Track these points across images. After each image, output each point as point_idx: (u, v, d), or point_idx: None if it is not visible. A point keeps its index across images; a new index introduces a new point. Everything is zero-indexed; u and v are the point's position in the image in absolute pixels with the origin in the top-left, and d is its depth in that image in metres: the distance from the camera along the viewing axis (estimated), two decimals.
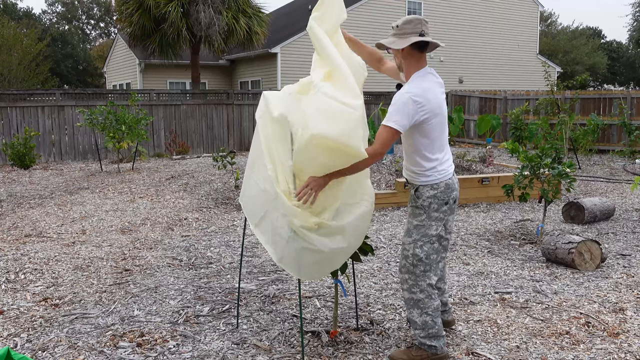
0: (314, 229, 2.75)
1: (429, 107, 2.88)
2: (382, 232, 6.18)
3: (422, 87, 2.90)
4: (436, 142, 2.99)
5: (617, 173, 10.67)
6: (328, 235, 2.80)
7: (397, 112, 2.83)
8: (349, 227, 2.88)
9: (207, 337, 3.44)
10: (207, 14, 14.73)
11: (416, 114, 2.83)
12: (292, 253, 2.79)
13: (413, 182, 3.08)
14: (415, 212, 3.05)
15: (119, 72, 24.61)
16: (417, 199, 3.03)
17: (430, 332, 3.05)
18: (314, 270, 2.93)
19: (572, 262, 4.74)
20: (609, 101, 14.04)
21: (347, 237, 2.87)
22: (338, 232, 2.83)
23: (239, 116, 15.36)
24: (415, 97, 2.83)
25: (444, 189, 3.00)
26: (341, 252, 2.90)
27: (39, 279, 4.54)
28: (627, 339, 3.37)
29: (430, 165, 2.99)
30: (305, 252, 2.78)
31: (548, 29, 44.49)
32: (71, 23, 46.09)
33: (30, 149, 10.87)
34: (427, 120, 2.90)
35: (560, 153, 7.01)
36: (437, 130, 2.97)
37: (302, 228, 2.72)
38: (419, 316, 3.05)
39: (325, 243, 2.78)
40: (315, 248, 2.76)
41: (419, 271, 3.03)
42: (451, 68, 21.83)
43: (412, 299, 3.07)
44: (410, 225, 3.07)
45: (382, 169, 8.71)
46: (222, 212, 7.17)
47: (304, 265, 2.83)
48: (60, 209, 7.34)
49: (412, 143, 2.99)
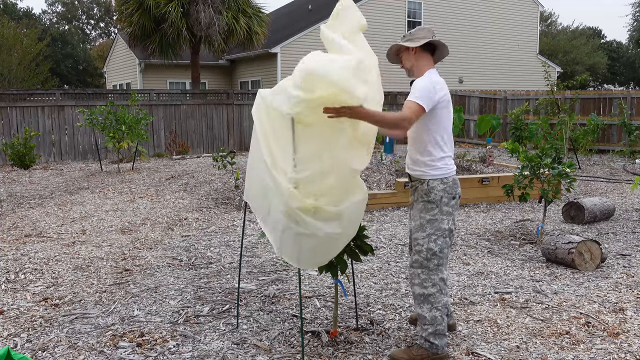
0: (311, 212, 2.76)
1: (445, 92, 3.08)
2: (382, 232, 6.18)
3: (438, 78, 3.10)
4: (447, 131, 3.14)
5: (617, 173, 10.67)
6: (324, 220, 2.81)
7: (421, 92, 2.98)
8: (346, 213, 2.89)
9: (207, 337, 3.44)
10: (207, 14, 14.73)
11: (436, 94, 3.00)
12: (289, 240, 2.83)
13: (422, 177, 3.14)
14: (427, 207, 3.11)
15: (119, 72, 24.61)
16: (429, 193, 3.09)
17: (438, 328, 3.09)
18: (310, 258, 2.94)
19: (572, 262, 4.74)
20: (609, 101, 14.04)
21: (343, 223, 2.88)
22: (335, 217, 2.84)
23: (239, 116, 15.36)
24: (434, 82, 3.04)
25: (452, 183, 3.12)
26: (336, 238, 2.90)
27: (39, 279, 4.54)
28: (627, 339, 3.38)
29: (442, 155, 3.11)
30: (301, 238, 2.80)
31: (548, 29, 44.49)
32: (71, 23, 46.09)
33: (30, 149, 10.87)
34: (444, 106, 3.07)
35: (560, 153, 7.01)
36: (449, 119, 3.14)
37: (298, 210, 2.74)
38: (429, 311, 3.09)
39: (319, 227, 2.79)
40: (309, 232, 2.78)
41: (432, 265, 3.09)
42: (451, 68, 21.82)
43: (423, 294, 3.11)
44: (422, 220, 3.12)
45: (382, 169, 8.71)
46: (222, 212, 7.17)
47: (301, 252, 2.86)
48: (60, 209, 7.34)
49: (427, 130, 3.09)
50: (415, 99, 2.96)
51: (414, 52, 3.16)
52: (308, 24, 20.35)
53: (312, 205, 2.77)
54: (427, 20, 21.61)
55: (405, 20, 21.26)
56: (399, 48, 3.23)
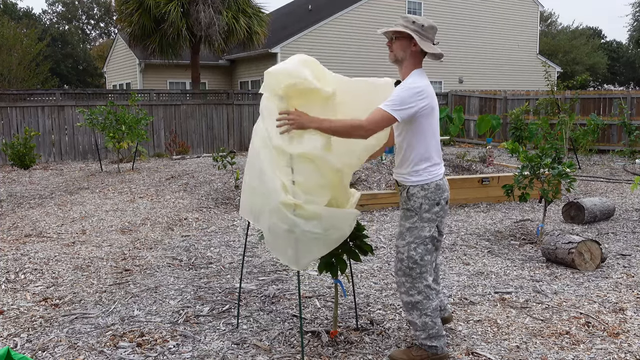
0: (292, 207, 2.79)
1: (430, 100, 2.91)
2: (382, 232, 6.18)
3: (423, 82, 2.94)
4: (433, 139, 3.00)
5: (617, 173, 10.67)
6: (304, 218, 2.82)
7: (396, 101, 2.84)
8: (326, 215, 2.88)
9: (207, 337, 3.44)
10: (207, 14, 14.72)
11: (416, 105, 2.85)
12: (279, 237, 2.89)
13: (404, 184, 3.06)
14: (406, 215, 3.04)
15: (119, 72, 24.61)
16: (408, 201, 3.02)
17: (431, 332, 3.05)
18: (289, 254, 2.92)
19: (572, 262, 4.74)
20: (609, 101, 14.04)
21: (324, 224, 2.87)
22: (314, 217, 2.85)
23: (239, 116, 15.36)
24: (418, 88, 2.88)
25: (434, 189, 2.99)
26: (316, 237, 2.88)
27: (39, 279, 4.54)
28: (627, 339, 3.38)
29: (426, 165, 2.99)
30: (285, 234, 2.84)
31: (548, 29, 44.48)
32: (71, 23, 46.08)
33: (30, 149, 10.87)
34: (427, 114, 2.92)
35: (560, 153, 7.01)
36: (433, 127, 2.99)
37: (280, 204, 2.78)
38: (419, 317, 3.04)
39: (298, 223, 2.80)
40: (288, 227, 2.81)
41: (415, 274, 3.02)
42: (451, 68, 21.81)
43: (410, 302, 3.06)
44: (402, 228, 3.06)
45: (382, 169, 8.71)
46: (222, 212, 7.17)
47: (285, 247, 2.90)
48: (60, 209, 7.34)
49: (408, 138, 2.99)
50: (387, 108, 2.81)
51: (415, 46, 2.94)
52: (308, 24, 20.36)
53: (293, 202, 2.78)
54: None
55: None
56: (400, 32, 2.94)
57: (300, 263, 2.93)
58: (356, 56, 20.13)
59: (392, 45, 3.00)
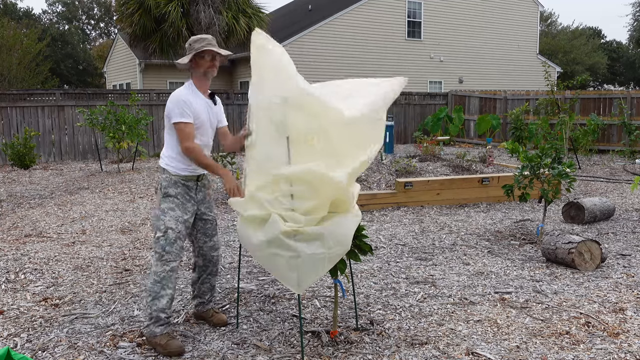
0: (292, 235, 2.84)
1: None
2: (382, 232, 6.18)
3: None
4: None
5: (617, 173, 10.67)
6: (306, 241, 2.86)
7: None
8: (327, 233, 2.90)
9: (207, 337, 3.44)
10: (207, 14, 14.72)
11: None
12: (281, 262, 2.91)
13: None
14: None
15: (119, 72, 24.61)
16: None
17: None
18: (293, 277, 2.93)
19: (572, 262, 4.74)
20: (609, 101, 14.04)
21: (328, 243, 2.89)
22: (316, 237, 2.88)
23: (239, 116, 15.35)
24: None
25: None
26: (322, 257, 2.90)
27: (39, 279, 4.54)
28: (627, 339, 3.38)
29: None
30: (289, 260, 2.88)
31: (548, 29, 44.48)
32: (71, 23, 46.09)
33: (30, 149, 10.87)
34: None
35: (560, 153, 7.01)
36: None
37: (281, 235, 2.83)
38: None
39: (301, 248, 2.85)
40: (290, 254, 2.86)
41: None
42: (451, 68, 21.82)
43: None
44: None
45: (382, 169, 8.71)
46: (222, 212, 7.17)
47: (288, 272, 2.92)
48: (60, 209, 7.34)
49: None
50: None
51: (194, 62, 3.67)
52: (308, 24, 20.35)
53: (292, 229, 2.83)
54: (427, 20, 21.61)
55: (405, 20, 21.27)
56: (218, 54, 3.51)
57: (302, 286, 2.97)
58: (356, 56, 20.13)
59: (215, 67, 3.63)
